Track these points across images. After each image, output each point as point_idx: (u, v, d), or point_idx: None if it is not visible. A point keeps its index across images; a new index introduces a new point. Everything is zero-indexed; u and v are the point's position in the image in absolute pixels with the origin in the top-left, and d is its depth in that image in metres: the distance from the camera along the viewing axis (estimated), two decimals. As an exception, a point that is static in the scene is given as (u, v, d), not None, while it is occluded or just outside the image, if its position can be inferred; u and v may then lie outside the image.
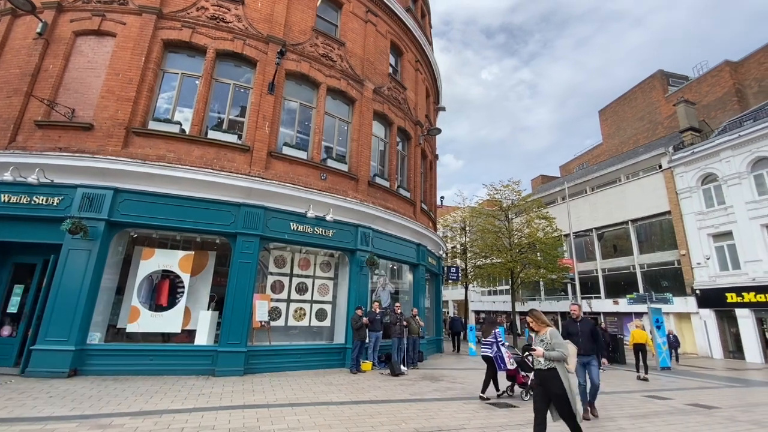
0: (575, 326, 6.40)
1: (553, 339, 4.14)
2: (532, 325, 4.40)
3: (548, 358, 4.03)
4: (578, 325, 6.40)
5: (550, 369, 4.06)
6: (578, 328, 6.33)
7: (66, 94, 8.60)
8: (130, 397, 5.87)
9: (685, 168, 21.02)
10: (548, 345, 4.11)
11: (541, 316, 4.40)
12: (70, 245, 7.47)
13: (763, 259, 17.27)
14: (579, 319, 6.49)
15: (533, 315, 4.40)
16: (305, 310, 10.04)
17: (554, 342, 4.11)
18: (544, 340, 4.18)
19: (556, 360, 4.02)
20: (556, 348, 4.06)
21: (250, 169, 9.14)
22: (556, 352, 4.02)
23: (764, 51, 25.42)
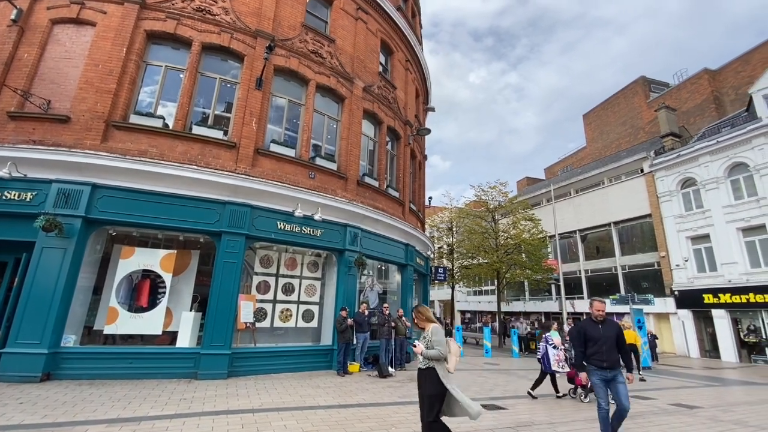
0: (596, 329, 4.96)
1: (433, 336, 3.88)
2: (416, 321, 4.17)
3: (426, 357, 3.80)
4: (600, 328, 4.95)
5: (428, 368, 3.82)
6: (600, 332, 4.91)
7: (41, 85, 8.19)
8: (107, 402, 5.60)
9: (665, 172, 21.57)
10: (428, 343, 3.85)
11: (426, 312, 4.15)
12: (44, 243, 7.10)
13: (739, 262, 17.85)
14: (602, 320, 5.04)
15: (417, 311, 4.15)
16: (292, 311, 9.84)
17: (434, 340, 3.84)
18: (426, 337, 3.94)
19: (434, 359, 3.78)
20: (435, 346, 3.80)
21: (236, 166, 8.90)
22: (434, 351, 3.77)
23: (741, 60, 26.33)
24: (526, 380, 10.03)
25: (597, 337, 4.89)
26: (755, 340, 17.28)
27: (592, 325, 5.05)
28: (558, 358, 7.74)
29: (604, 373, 4.78)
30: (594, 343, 4.89)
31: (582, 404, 7.34)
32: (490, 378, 10.05)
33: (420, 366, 3.91)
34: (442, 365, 3.81)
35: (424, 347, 3.85)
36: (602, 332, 4.92)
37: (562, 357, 7.81)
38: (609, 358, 4.79)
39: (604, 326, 4.98)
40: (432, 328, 3.97)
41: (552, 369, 7.75)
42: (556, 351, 7.82)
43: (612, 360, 4.78)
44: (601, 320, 5.02)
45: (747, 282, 17.35)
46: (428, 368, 3.82)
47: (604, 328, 4.96)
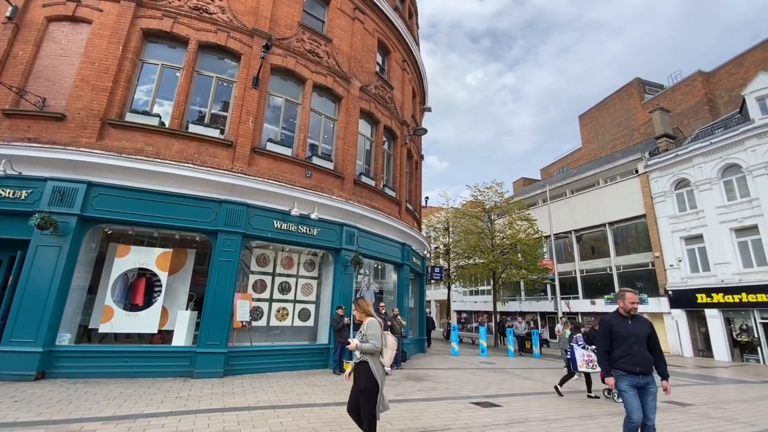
0: (626, 326, 4.18)
1: (368, 330, 3.84)
2: (355, 314, 4.16)
3: (360, 350, 3.77)
4: (630, 324, 4.18)
5: (362, 362, 3.79)
6: (630, 329, 4.14)
7: (37, 83, 8.16)
8: (102, 401, 5.60)
9: (659, 173, 21.74)
10: (363, 337, 3.83)
11: (364, 305, 4.09)
12: (39, 241, 7.08)
13: (732, 262, 18.03)
14: (632, 315, 4.25)
15: (356, 304, 4.12)
16: (288, 310, 9.86)
17: (369, 333, 3.81)
18: (362, 330, 3.91)
19: (368, 352, 3.75)
20: (369, 340, 3.77)
21: (233, 165, 8.90)
22: (369, 344, 3.74)
23: (734, 63, 26.60)
24: (521, 379, 10.10)
25: (625, 335, 4.12)
26: (747, 340, 17.46)
27: (620, 321, 4.24)
28: (587, 359, 7.78)
29: (636, 379, 4.00)
30: (622, 343, 4.12)
31: (577, 402, 7.41)
32: (486, 376, 10.11)
33: (356, 360, 3.88)
34: (376, 359, 3.79)
35: (359, 341, 3.82)
36: (632, 329, 4.14)
37: (593, 357, 7.78)
38: (641, 362, 4.00)
39: (635, 323, 4.20)
40: (368, 321, 3.93)
41: (579, 370, 7.85)
42: (585, 351, 7.87)
43: (645, 364, 4.00)
44: (631, 316, 4.24)
45: (739, 282, 17.52)
46: (362, 362, 3.80)
47: (634, 325, 4.18)
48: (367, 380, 3.71)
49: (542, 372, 11.76)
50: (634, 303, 4.25)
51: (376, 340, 3.76)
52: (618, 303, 4.38)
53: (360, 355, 3.81)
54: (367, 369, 3.73)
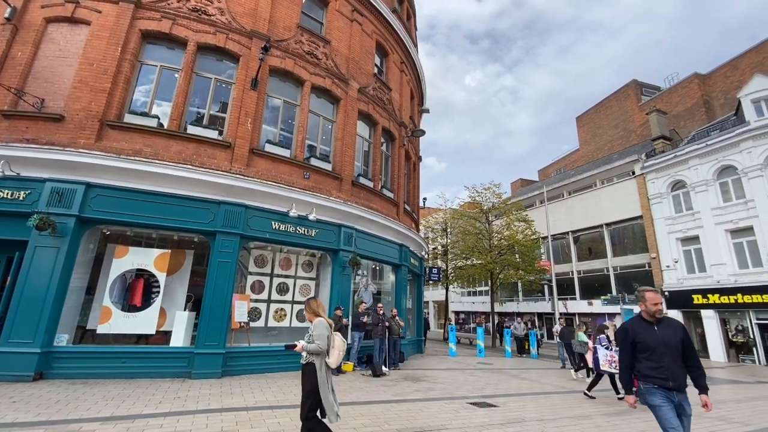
0: (651, 333, 3.47)
1: (314, 330, 3.80)
2: (306, 313, 4.12)
3: (306, 351, 3.75)
4: (656, 330, 3.46)
5: (308, 363, 3.77)
6: (657, 336, 3.43)
7: (35, 84, 8.18)
8: (101, 401, 5.61)
9: (656, 174, 21.87)
10: (310, 337, 3.80)
11: (314, 305, 4.03)
12: (37, 242, 7.09)
13: (727, 263, 18.15)
14: (658, 318, 3.52)
15: (307, 303, 4.07)
16: (286, 311, 9.88)
17: (315, 334, 3.77)
18: (309, 331, 3.89)
19: (313, 353, 3.72)
20: (315, 341, 3.73)
21: (231, 166, 8.93)
22: (313, 345, 3.70)
23: (730, 65, 26.81)
24: (518, 379, 10.16)
25: (652, 344, 3.39)
26: (743, 340, 17.57)
27: (644, 327, 3.52)
28: (611, 359, 7.76)
29: (670, 395, 3.30)
30: (649, 354, 3.39)
31: (573, 402, 7.47)
32: (483, 377, 10.16)
33: (302, 361, 3.84)
34: (321, 360, 3.75)
35: (305, 342, 3.79)
36: (660, 336, 3.41)
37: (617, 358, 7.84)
38: (674, 375, 3.27)
39: (662, 327, 3.46)
40: (315, 321, 3.90)
41: (602, 370, 7.87)
42: (608, 351, 7.88)
43: (679, 379, 3.28)
44: (656, 319, 3.51)
45: (735, 283, 17.64)
46: (308, 363, 3.78)
47: (662, 331, 3.44)
48: (312, 382, 3.69)
49: (539, 372, 11.83)
50: (657, 304, 3.50)
51: (321, 341, 3.72)
52: (639, 306, 3.66)
53: (306, 356, 3.78)
54: (313, 371, 3.71)
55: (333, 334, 3.92)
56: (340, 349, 3.89)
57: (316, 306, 4.03)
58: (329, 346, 3.83)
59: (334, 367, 3.82)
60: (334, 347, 3.84)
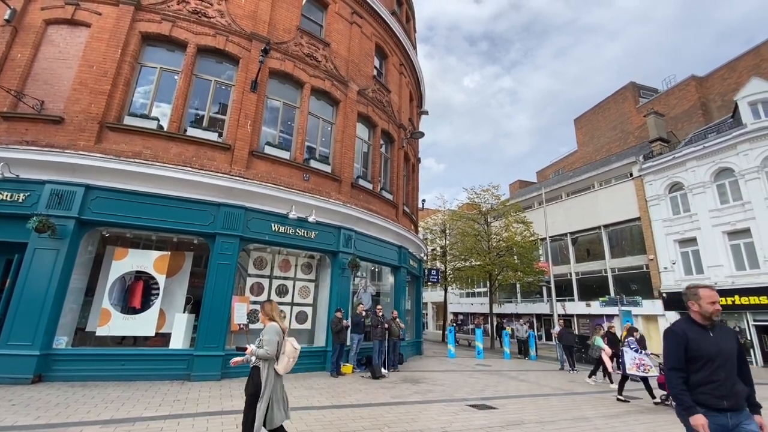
0: (707, 339, 2.79)
1: (264, 335, 3.71)
2: (260, 317, 4.04)
3: (254, 355, 3.67)
4: (712, 337, 2.81)
5: (255, 367, 3.72)
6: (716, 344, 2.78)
7: (35, 86, 8.17)
8: (100, 404, 5.61)
9: (654, 176, 21.97)
10: (260, 341, 3.73)
11: (268, 308, 3.95)
12: (37, 244, 7.08)
13: (725, 265, 18.25)
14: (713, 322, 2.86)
15: (262, 306, 3.99)
16: (285, 313, 9.88)
17: (264, 339, 3.69)
18: (261, 335, 3.81)
19: (261, 358, 3.64)
20: (264, 345, 3.65)
21: (231, 168, 8.94)
22: (261, 350, 3.62)
23: (727, 68, 26.95)
24: (516, 381, 10.18)
25: (708, 354, 2.73)
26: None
27: (697, 332, 2.83)
28: (639, 362, 7.67)
29: (721, 419, 2.65)
30: (702, 365, 2.73)
31: (572, 404, 7.50)
32: (482, 379, 10.18)
33: (250, 365, 3.78)
34: (268, 365, 3.67)
35: (255, 346, 3.72)
36: (717, 344, 2.77)
37: (646, 361, 7.72)
38: (731, 393, 2.67)
39: (718, 334, 2.83)
40: (267, 326, 3.82)
41: (628, 373, 7.77)
42: (637, 355, 7.77)
43: (736, 396, 2.67)
44: (712, 323, 2.86)
45: (732, 285, 17.73)
46: (254, 367, 3.73)
47: (718, 337, 2.81)
48: (255, 386, 3.63)
49: (537, 374, 11.86)
50: (714, 303, 2.82)
51: (269, 346, 3.63)
52: (690, 306, 2.94)
53: (254, 360, 3.71)
54: (258, 375, 3.65)
55: (286, 339, 3.82)
56: (291, 356, 3.76)
57: (270, 309, 3.93)
58: (280, 352, 3.72)
59: (282, 373, 3.73)
60: (284, 353, 3.73)
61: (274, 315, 3.91)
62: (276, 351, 3.67)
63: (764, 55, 24.46)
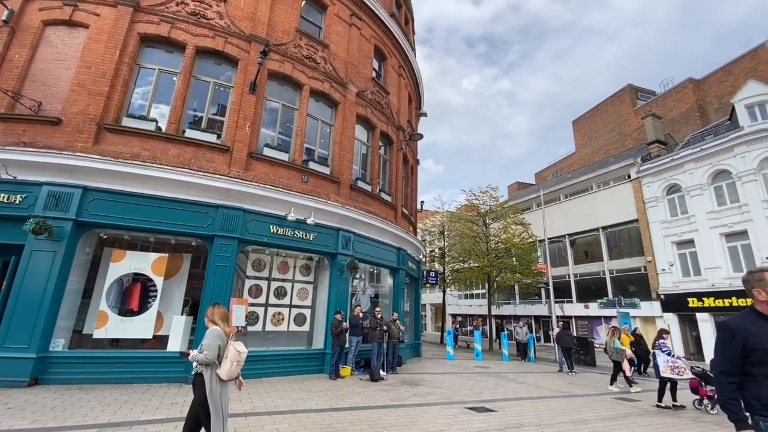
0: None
1: (205, 340, 3.59)
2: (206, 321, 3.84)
3: (195, 361, 3.57)
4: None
5: (197, 374, 3.60)
6: None
7: (32, 87, 8.13)
8: (97, 407, 5.57)
9: (651, 178, 22.05)
10: (201, 346, 3.61)
11: (210, 312, 3.80)
12: (34, 246, 7.04)
13: (722, 267, 18.31)
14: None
15: (209, 308, 3.85)
16: (284, 315, 9.85)
17: (204, 343, 3.56)
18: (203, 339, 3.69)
19: (202, 363, 3.53)
20: (204, 350, 3.52)
21: (229, 170, 8.92)
22: (201, 355, 3.51)
23: (724, 71, 27.09)
24: (515, 383, 10.17)
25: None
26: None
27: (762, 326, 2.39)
28: (672, 365, 7.56)
29: None
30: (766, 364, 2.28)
31: (570, 406, 7.49)
32: (481, 381, 10.17)
33: (193, 371, 3.66)
34: (210, 371, 3.55)
35: (197, 351, 3.60)
36: None
37: (679, 364, 7.59)
38: None
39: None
40: (208, 330, 3.69)
41: (663, 376, 7.65)
42: (670, 358, 7.67)
43: None
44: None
45: (730, 286, 17.78)
46: (197, 374, 3.61)
47: None
48: (200, 393, 3.52)
49: (536, 376, 11.85)
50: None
51: (209, 351, 3.51)
52: (755, 296, 2.49)
53: (196, 366, 3.60)
54: (201, 382, 3.53)
55: (230, 344, 3.67)
56: (234, 360, 3.60)
57: (211, 313, 3.79)
58: (222, 356, 3.61)
59: (225, 378, 3.59)
60: (226, 358, 3.59)
61: (216, 318, 3.77)
62: (216, 356, 3.54)
63: (761, 58, 24.60)
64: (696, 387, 7.60)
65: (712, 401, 7.30)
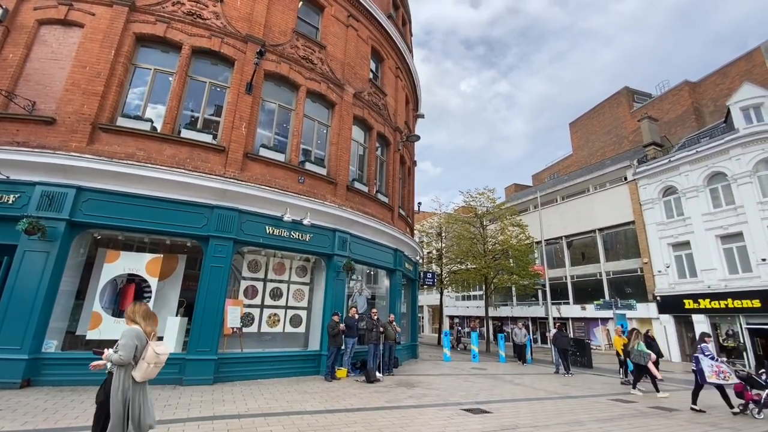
0: None
1: (120, 339, 3.43)
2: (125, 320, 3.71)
3: (109, 360, 3.40)
4: None
5: (109, 373, 3.44)
6: None
7: (26, 86, 8.08)
8: (90, 409, 5.48)
9: (647, 180, 22.14)
10: (116, 346, 3.44)
11: (130, 311, 3.64)
12: (27, 246, 6.98)
13: (717, 268, 18.38)
14: None
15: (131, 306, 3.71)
16: (279, 316, 9.81)
17: (119, 343, 3.39)
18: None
19: (115, 363, 3.37)
20: (118, 350, 3.36)
21: (225, 170, 8.89)
22: (115, 355, 3.35)
23: (719, 74, 27.28)
24: (512, 384, 10.16)
25: None
26: (733, 345, 17.76)
27: None
28: (717, 370, 7.32)
29: None
30: None
31: (566, 407, 7.48)
32: (477, 382, 10.15)
33: (107, 370, 3.51)
34: (123, 372, 3.39)
35: (112, 351, 3.43)
36: None
37: (723, 368, 7.36)
38: None
39: None
40: (125, 329, 3.52)
41: (708, 382, 7.36)
42: (714, 362, 7.43)
43: None
44: None
45: (725, 288, 17.86)
46: (109, 373, 3.46)
47: None
48: (105, 394, 3.38)
49: (533, 378, 11.84)
50: None
51: (123, 351, 3.35)
52: None
53: (109, 365, 3.44)
54: (110, 382, 3.40)
55: (149, 344, 3.51)
56: (152, 362, 3.43)
57: (132, 312, 3.64)
58: (139, 357, 3.45)
59: (140, 380, 3.42)
60: (143, 359, 3.43)
61: (137, 318, 3.62)
62: (131, 356, 3.40)
63: (756, 61, 24.79)
64: (741, 391, 7.28)
65: (758, 405, 7.05)
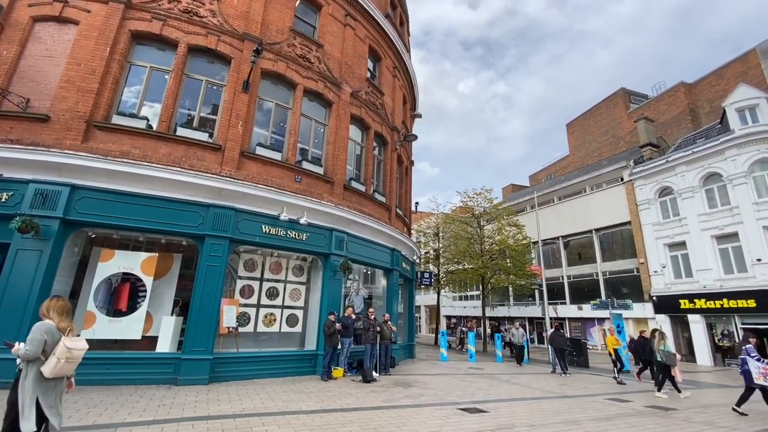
0: None
1: (30, 334, 3.27)
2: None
3: (17, 355, 3.24)
4: None
5: (19, 370, 3.30)
6: None
7: (20, 83, 8.00)
8: (83, 409, 5.46)
9: (644, 181, 22.23)
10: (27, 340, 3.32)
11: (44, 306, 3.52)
12: (20, 245, 6.90)
13: (713, 268, 18.47)
14: None
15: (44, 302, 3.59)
16: (275, 316, 9.76)
17: (28, 337, 3.25)
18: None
19: (23, 358, 3.24)
20: (26, 344, 3.23)
21: (221, 169, 8.84)
22: (22, 350, 3.22)
23: (715, 75, 27.44)
24: (508, 384, 10.16)
25: None
26: (729, 345, 17.85)
27: None
28: (764, 371, 7.12)
29: None
30: None
31: (563, 407, 7.48)
32: (474, 382, 10.14)
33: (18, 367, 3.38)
34: (31, 367, 3.26)
35: (22, 345, 3.30)
36: None
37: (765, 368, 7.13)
38: None
39: None
40: (36, 324, 3.39)
41: (756, 384, 7.15)
42: (761, 364, 7.22)
43: None
44: None
45: (721, 288, 17.95)
46: (19, 370, 3.32)
47: None
48: (13, 391, 3.24)
49: (529, 377, 11.85)
50: None
51: (30, 346, 3.21)
52: None
53: (20, 362, 3.31)
54: (18, 378, 3.27)
55: (62, 339, 3.34)
56: (62, 357, 3.25)
57: (47, 307, 3.50)
58: (49, 352, 3.30)
59: (48, 376, 3.26)
60: (54, 354, 3.26)
61: (51, 313, 3.47)
62: (40, 351, 3.26)
63: (751, 63, 24.95)
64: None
65: None
